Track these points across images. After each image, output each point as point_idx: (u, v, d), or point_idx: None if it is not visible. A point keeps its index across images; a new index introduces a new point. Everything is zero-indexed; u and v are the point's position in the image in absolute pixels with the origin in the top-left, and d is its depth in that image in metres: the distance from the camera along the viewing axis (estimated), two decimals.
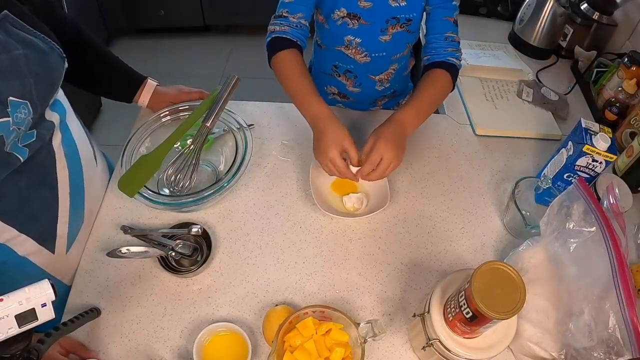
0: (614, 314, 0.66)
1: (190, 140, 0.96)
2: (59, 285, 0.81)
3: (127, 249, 0.81)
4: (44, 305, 0.55)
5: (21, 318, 0.54)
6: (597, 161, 0.89)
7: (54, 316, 0.57)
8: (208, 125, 0.94)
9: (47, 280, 0.56)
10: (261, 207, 0.95)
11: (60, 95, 0.78)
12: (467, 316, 0.60)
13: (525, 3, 1.41)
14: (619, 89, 1.18)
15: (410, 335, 0.79)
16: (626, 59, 1.18)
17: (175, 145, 0.96)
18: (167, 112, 1.00)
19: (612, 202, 0.75)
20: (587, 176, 0.92)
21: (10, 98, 0.60)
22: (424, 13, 0.99)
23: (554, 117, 1.21)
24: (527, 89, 1.26)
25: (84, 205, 0.84)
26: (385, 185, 0.94)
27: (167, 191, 0.94)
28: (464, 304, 0.60)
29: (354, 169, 0.86)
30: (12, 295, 0.54)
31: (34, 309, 0.55)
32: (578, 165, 0.90)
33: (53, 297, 0.56)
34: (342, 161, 0.83)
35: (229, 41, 2.96)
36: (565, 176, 0.93)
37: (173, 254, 0.82)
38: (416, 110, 0.90)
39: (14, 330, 0.54)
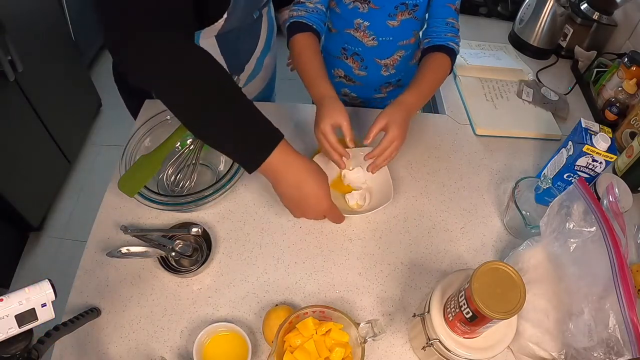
0: (614, 314, 0.66)
1: (190, 140, 0.96)
2: None
3: (127, 249, 0.81)
4: (44, 305, 0.55)
5: (21, 318, 0.54)
6: (597, 161, 0.89)
7: (53, 316, 0.57)
8: None
9: (47, 280, 0.56)
10: (261, 207, 0.95)
11: None
12: (467, 316, 0.60)
13: (525, 3, 1.41)
14: (619, 89, 1.18)
15: (410, 335, 0.79)
16: (626, 59, 1.18)
17: (175, 145, 0.96)
18: (167, 112, 1.00)
19: (612, 202, 0.75)
20: (587, 176, 0.92)
21: None
22: None
23: (554, 117, 1.21)
24: (527, 89, 1.26)
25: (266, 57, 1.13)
26: (388, 180, 0.93)
27: (167, 191, 0.94)
28: (464, 304, 0.60)
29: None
30: (12, 295, 0.54)
31: (34, 309, 0.55)
32: (578, 165, 0.90)
33: (53, 297, 0.56)
34: (333, 134, 0.85)
35: None
36: (565, 176, 0.94)
37: (173, 254, 0.83)
38: (419, 92, 0.92)
39: (14, 330, 0.54)
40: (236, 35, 0.99)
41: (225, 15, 0.88)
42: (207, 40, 0.95)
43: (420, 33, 1.08)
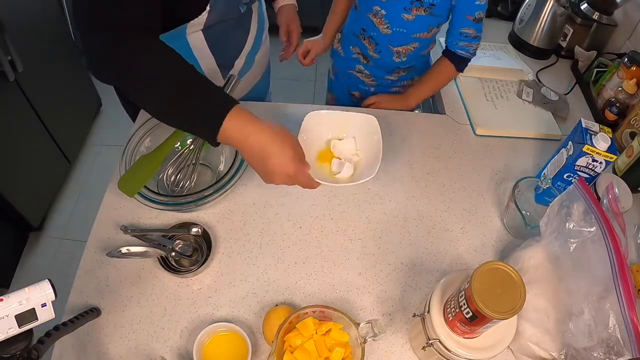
0: (614, 314, 0.66)
1: (190, 140, 0.96)
2: None
3: (127, 249, 0.81)
4: (44, 305, 0.55)
5: (21, 318, 0.54)
6: (597, 161, 0.89)
7: (53, 316, 0.57)
8: None
9: (47, 280, 0.56)
10: (261, 207, 0.95)
11: None
12: (467, 316, 0.60)
13: (525, 3, 1.41)
14: (619, 89, 1.18)
15: (410, 335, 0.79)
16: (626, 59, 1.18)
17: (175, 145, 0.96)
18: None
19: (612, 202, 0.75)
20: (587, 176, 0.92)
21: None
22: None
23: (554, 117, 1.21)
24: (527, 89, 1.26)
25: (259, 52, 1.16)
26: (378, 157, 0.90)
27: (167, 191, 0.94)
28: (464, 304, 0.60)
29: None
30: (12, 295, 0.54)
31: (34, 309, 0.55)
32: (578, 165, 0.90)
33: (53, 297, 0.56)
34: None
35: None
36: (565, 176, 0.94)
37: (173, 254, 0.83)
38: (419, 94, 1.21)
39: (14, 330, 0.54)
40: (224, 29, 0.99)
41: (208, 8, 0.89)
42: (195, 34, 0.95)
43: (438, 28, 1.13)
